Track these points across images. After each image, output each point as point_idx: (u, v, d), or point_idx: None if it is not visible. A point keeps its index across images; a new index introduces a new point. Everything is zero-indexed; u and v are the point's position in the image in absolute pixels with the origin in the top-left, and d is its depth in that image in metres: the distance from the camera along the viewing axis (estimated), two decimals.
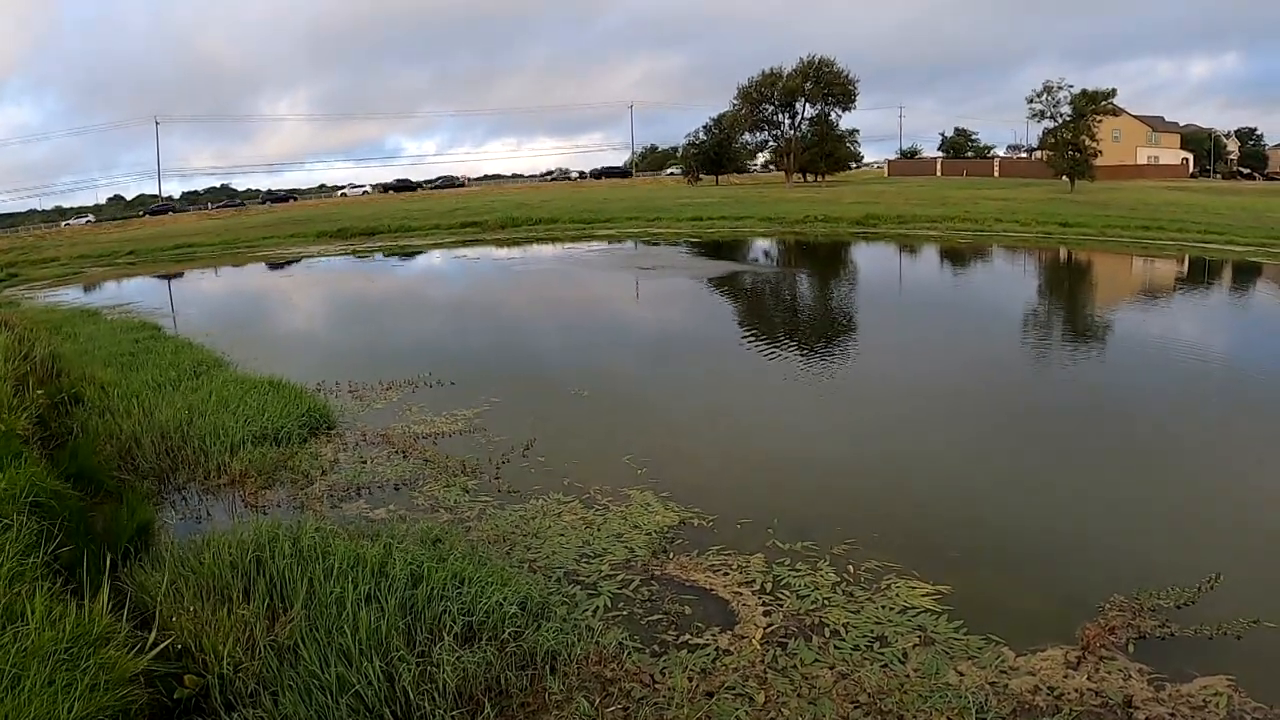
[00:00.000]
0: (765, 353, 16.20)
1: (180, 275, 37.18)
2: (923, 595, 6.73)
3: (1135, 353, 15.93)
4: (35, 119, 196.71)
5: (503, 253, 39.08)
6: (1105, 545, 7.63)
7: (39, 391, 12.23)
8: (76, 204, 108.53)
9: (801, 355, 15.96)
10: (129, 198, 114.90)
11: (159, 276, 36.99)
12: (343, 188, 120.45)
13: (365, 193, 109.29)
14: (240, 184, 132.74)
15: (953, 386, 13.39)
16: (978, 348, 16.61)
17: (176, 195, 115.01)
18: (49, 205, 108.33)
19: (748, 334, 18.33)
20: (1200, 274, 27.39)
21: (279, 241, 48.15)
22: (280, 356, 16.54)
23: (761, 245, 38.29)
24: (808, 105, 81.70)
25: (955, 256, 33.00)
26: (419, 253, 40.61)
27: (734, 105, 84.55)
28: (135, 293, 30.93)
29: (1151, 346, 16.35)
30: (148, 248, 47.97)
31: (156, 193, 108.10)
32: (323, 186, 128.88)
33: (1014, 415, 11.96)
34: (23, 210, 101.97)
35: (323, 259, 39.79)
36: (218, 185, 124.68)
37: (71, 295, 30.78)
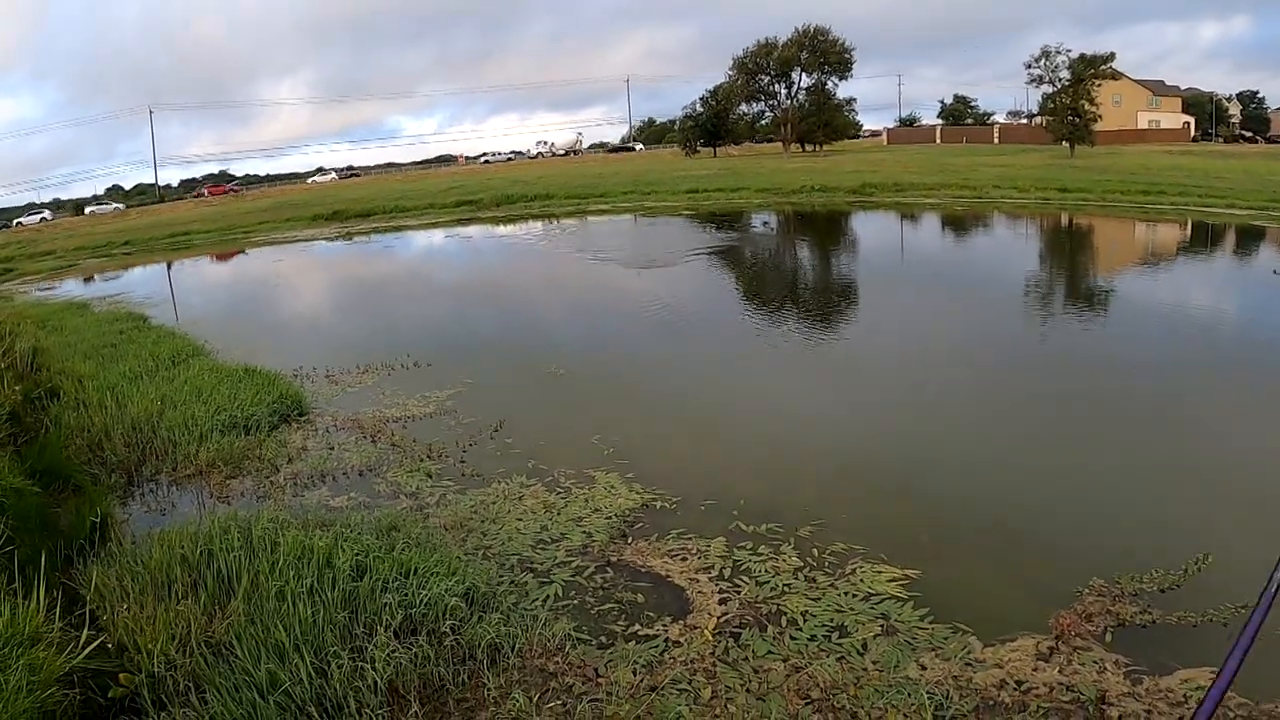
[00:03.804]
0: (746, 328, 16.03)
1: (174, 264, 36.94)
2: (889, 581, 6.43)
3: (1121, 319, 15.70)
4: (33, 112, 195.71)
5: (498, 231, 38.95)
6: (1087, 525, 7.31)
7: (16, 387, 12.12)
8: (74, 196, 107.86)
9: (782, 331, 15.72)
10: (127, 187, 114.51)
11: (153, 266, 36.81)
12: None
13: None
14: (239, 169, 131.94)
15: (933, 362, 13.09)
16: (959, 321, 16.28)
17: (175, 183, 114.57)
18: (47, 198, 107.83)
19: (731, 310, 18.17)
20: (1200, 238, 27.06)
21: (274, 226, 47.93)
22: (263, 342, 16.45)
23: (754, 216, 37.88)
24: (804, 75, 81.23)
25: (949, 224, 32.63)
26: (412, 234, 40.36)
27: (730, 76, 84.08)
28: (127, 283, 30.70)
29: (1139, 311, 16.13)
30: (143, 237, 47.79)
31: (154, 181, 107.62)
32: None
33: (994, 389, 11.71)
34: (20, 204, 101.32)
35: (316, 243, 39.53)
36: (216, 171, 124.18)
37: (65, 288, 30.62)
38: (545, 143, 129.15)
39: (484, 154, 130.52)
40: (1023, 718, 4.91)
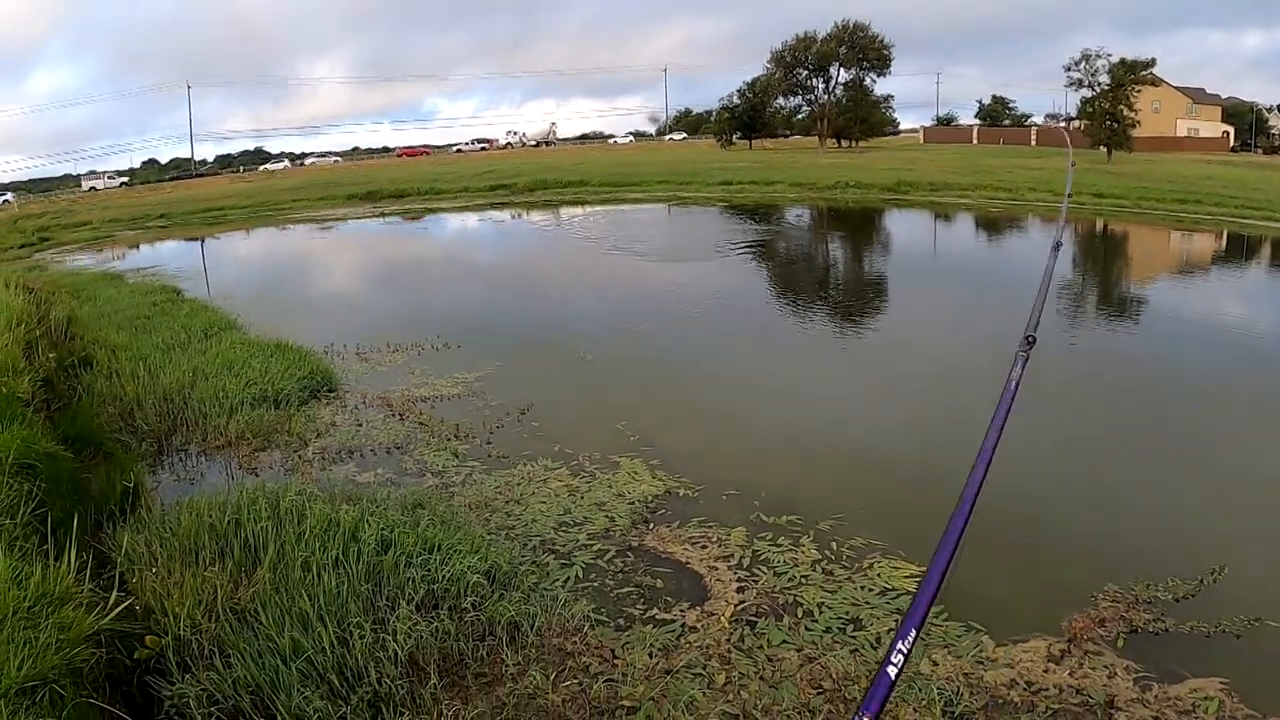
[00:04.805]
0: (776, 324, 16.01)
1: (209, 238, 37.31)
2: (905, 576, 6.48)
3: (1153, 326, 15.59)
4: (72, 83, 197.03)
5: (531, 217, 39.13)
6: (1106, 531, 7.26)
7: (50, 355, 12.33)
8: (111, 168, 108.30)
9: (811, 327, 15.74)
10: (163, 161, 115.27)
11: (188, 240, 37.22)
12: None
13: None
14: (274, 146, 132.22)
15: (961, 361, 12.99)
16: (989, 322, 16.15)
17: (211, 158, 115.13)
18: (83, 169, 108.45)
19: (761, 306, 18.12)
20: (1236, 250, 26.69)
21: (308, 205, 48.16)
22: (295, 319, 16.62)
23: (788, 211, 37.74)
24: (842, 70, 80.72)
25: (983, 225, 32.42)
26: (445, 216, 40.62)
27: (767, 69, 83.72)
28: (162, 256, 31.17)
29: (1172, 320, 15.98)
30: (178, 211, 48.12)
31: (189, 156, 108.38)
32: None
33: (1021, 392, 11.65)
34: (57, 175, 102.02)
35: (350, 222, 39.86)
36: (252, 148, 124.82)
37: (99, 259, 30.89)
38: (515, 133, 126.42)
39: (455, 144, 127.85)
40: (1031, 718, 4.93)
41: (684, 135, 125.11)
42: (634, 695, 5.09)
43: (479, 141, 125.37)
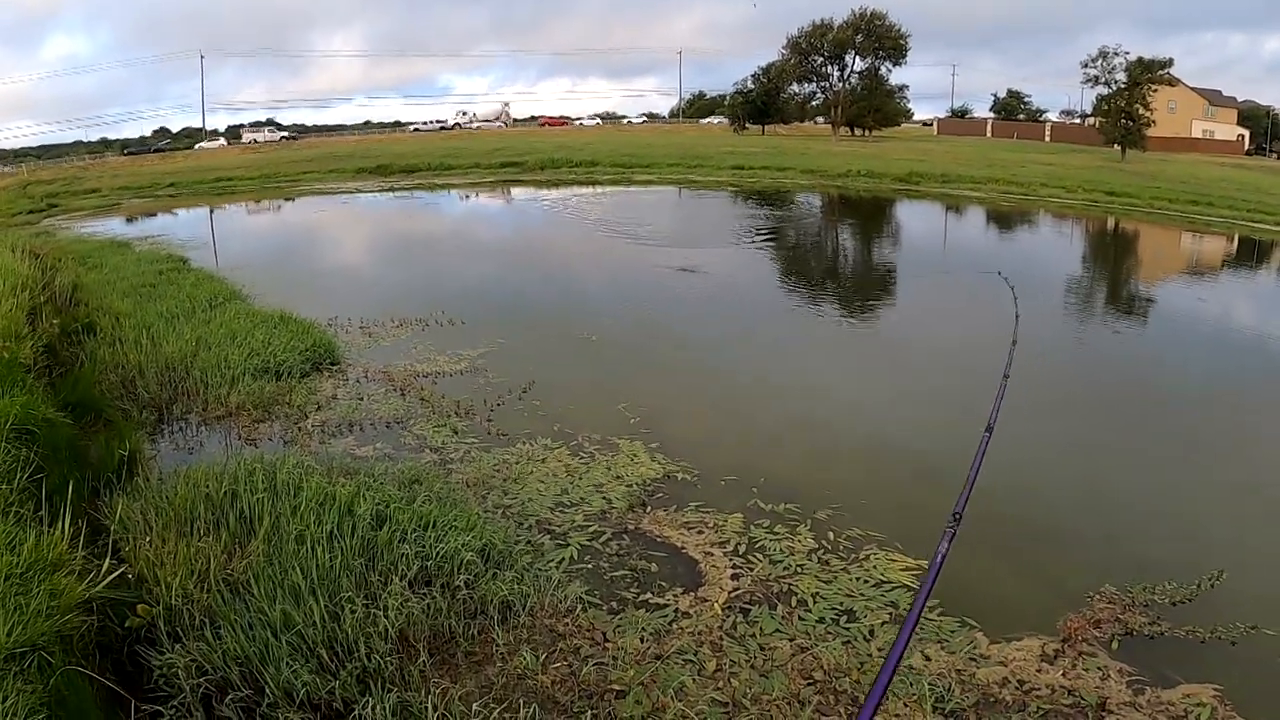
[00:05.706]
0: (782, 314, 15.93)
1: (217, 208, 37.28)
2: (901, 570, 6.44)
3: (1163, 330, 15.50)
4: (86, 50, 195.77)
5: (541, 194, 39.11)
6: (1106, 532, 7.23)
7: (54, 321, 12.29)
8: (123, 136, 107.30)
9: (817, 315, 15.70)
10: (175, 130, 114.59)
11: (196, 209, 37.19)
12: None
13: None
14: (286, 118, 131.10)
15: (967, 358, 12.83)
16: (997, 319, 16.08)
17: (223, 129, 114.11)
18: (94, 137, 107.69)
19: (769, 296, 18.04)
20: (1247, 254, 26.46)
21: (318, 177, 48.23)
22: (301, 291, 16.59)
23: (800, 197, 37.62)
24: (857, 58, 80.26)
25: (995, 219, 32.23)
26: (454, 193, 40.67)
27: (783, 55, 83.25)
28: (169, 225, 31.19)
29: (1182, 324, 15.88)
30: (188, 180, 48.00)
31: (201, 126, 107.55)
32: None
33: (1026, 390, 11.58)
34: (68, 141, 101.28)
35: (360, 195, 39.81)
36: (264, 119, 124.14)
37: (107, 226, 30.82)
38: (465, 113, 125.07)
39: (413, 124, 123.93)
40: (1022, 717, 4.90)
41: (644, 119, 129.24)
42: (624, 679, 5.06)
43: (437, 121, 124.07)
